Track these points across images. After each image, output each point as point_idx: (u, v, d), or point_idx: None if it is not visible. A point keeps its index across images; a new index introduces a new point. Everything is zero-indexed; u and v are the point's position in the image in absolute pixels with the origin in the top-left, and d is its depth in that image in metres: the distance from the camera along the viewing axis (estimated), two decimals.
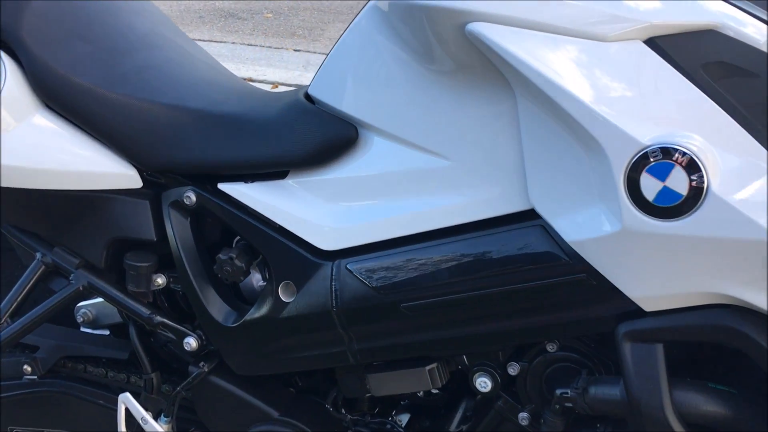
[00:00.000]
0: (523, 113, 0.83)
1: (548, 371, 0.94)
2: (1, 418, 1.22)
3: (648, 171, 0.73)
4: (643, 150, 0.73)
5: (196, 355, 1.11)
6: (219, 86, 1.14)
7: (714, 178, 0.71)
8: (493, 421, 1.02)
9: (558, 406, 0.90)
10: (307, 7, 4.80)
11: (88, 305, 1.21)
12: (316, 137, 1.00)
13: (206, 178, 1.07)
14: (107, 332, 1.25)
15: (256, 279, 1.11)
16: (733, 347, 0.78)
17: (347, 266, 0.98)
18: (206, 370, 1.09)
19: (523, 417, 0.97)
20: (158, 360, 1.16)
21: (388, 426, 1.11)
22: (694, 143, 0.71)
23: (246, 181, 1.05)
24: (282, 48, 4.16)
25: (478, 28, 0.79)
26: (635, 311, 0.81)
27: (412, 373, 1.00)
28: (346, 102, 0.97)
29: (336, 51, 1.00)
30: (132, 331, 1.13)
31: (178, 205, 1.07)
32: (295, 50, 4.12)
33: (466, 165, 0.90)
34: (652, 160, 0.72)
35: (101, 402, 1.18)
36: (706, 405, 0.81)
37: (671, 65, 0.75)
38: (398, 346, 0.98)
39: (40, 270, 1.13)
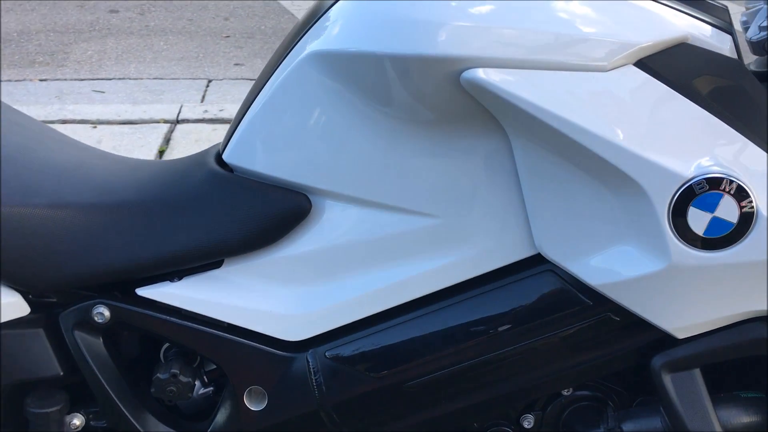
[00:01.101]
0: (523, 158, 0.75)
1: (565, 415, 0.88)
2: None
3: (694, 204, 0.68)
4: (687, 183, 0.68)
5: None
6: (104, 170, 0.93)
7: (760, 200, 0.68)
8: None
9: None
10: (40, 29, 4.32)
11: None
12: (259, 215, 0.84)
13: (117, 286, 0.87)
14: None
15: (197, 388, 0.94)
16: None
17: (327, 354, 0.85)
18: None
19: None
20: None
21: None
22: (735, 168, 0.68)
23: (172, 280, 0.87)
24: (25, 79, 3.70)
25: (478, 74, 0.69)
26: (663, 339, 0.78)
27: None
28: (291, 168, 0.83)
29: (262, 110, 0.84)
30: None
31: (86, 326, 0.87)
32: (40, 80, 3.69)
33: (455, 219, 0.80)
34: (698, 192, 0.68)
35: None
36: (746, 416, 0.81)
37: (666, 84, 0.71)
38: (403, 426, 0.87)
39: None
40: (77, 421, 0.90)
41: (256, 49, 4.29)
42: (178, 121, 3.35)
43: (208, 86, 3.88)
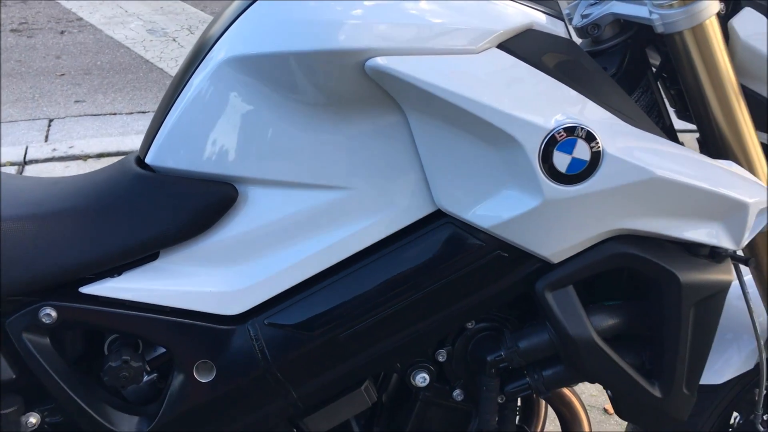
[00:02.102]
0: (418, 128, 0.91)
1: (471, 346, 1.05)
2: None
3: (557, 149, 0.87)
4: (550, 133, 0.86)
5: None
6: (29, 186, 1.00)
7: (603, 142, 0.88)
8: (423, 412, 1.10)
9: (493, 370, 1.02)
10: None
11: None
12: (189, 207, 0.95)
13: (60, 288, 0.94)
14: None
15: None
16: (624, 267, 0.98)
17: (266, 322, 0.96)
18: None
19: (457, 394, 1.07)
20: None
21: None
22: (582, 119, 0.87)
23: (112, 276, 0.95)
24: None
25: (379, 61, 0.84)
26: (543, 266, 0.96)
27: (348, 399, 1.03)
28: (215, 163, 0.94)
29: (183, 112, 0.95)
30: None
31: (33, 328, 0.93)
32: None
33: (365, 189, 0.95)
34: (559, 139, 0.87)
35: None
36: (611, 319, 1.00)
37: (523, 61, 0.90)
38: (339, 378, 1.00)
39: None
40: (33, 419, 0.95)
41: (96, 84, 4.25)
42: (25, 163, 3.28)
43: (50, 125, 3.80)
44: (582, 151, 0.88)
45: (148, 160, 0.97)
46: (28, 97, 4.04)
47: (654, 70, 1.10)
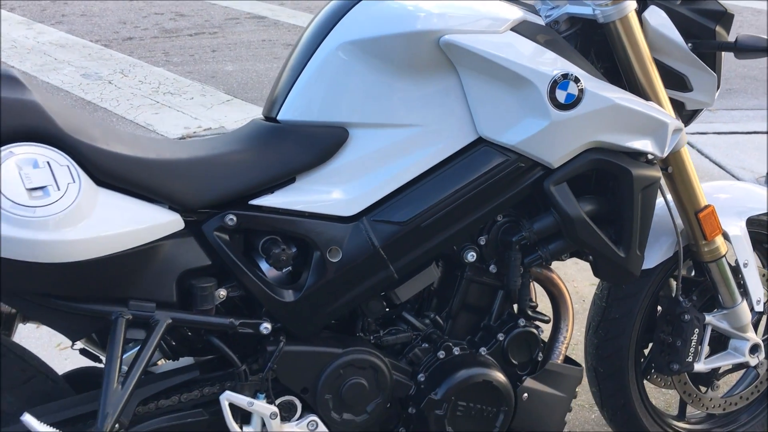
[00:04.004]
0: (468, 82, 1.42)
1: (500, 232, 1.55)
2: None
3: (559, 87, 1.40)
4: (553, 78, 1.40)
5: (269, 336, 1.41)
6: (202, 141, 1.44)
7: (585, 83, 1.42)
8: (465, 287, 1.59)
9: (517, 246, 1.53)
10: None
11: None
12: (315, 145, 1.42)
13: (235, 202, 1.38)
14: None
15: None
16: (600, 169, 1.52)
17: (373, 218, 1.44)
18: (284, 341, 1.41)
19: (492, 268, 1.57)
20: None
21: (394, 330, 1.57)
22: (571, 70, 1.42)
23: (268, 193, 1.41)
24: None
25: (449, 38, 1.36)
26: (546, 171, 1.49)
27: (424, 273, 1.52)
28: (333, 113, 1.42)
29: (305, 84, 1.43)
30: (216, 341, 1.37)
31: (222, 230, 1.37)
32: None
33: (430, 125, 1.45)
34: (559, 81, 1.40)
35: (196, 419, 1.38)
36: (592, 205, 1.54)
37: (527, 38, 1.43)
38: (420, 255, 1.48)
39: (124, 326, 1.29)
40: (223, 292, 1.38)
41: None
42: None
43: None
44: (573, 88, 1.42)
45: (280, 116, 1.44)
46: None
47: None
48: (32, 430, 1.17)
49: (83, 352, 1.59)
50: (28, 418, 1.17)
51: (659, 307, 1.93)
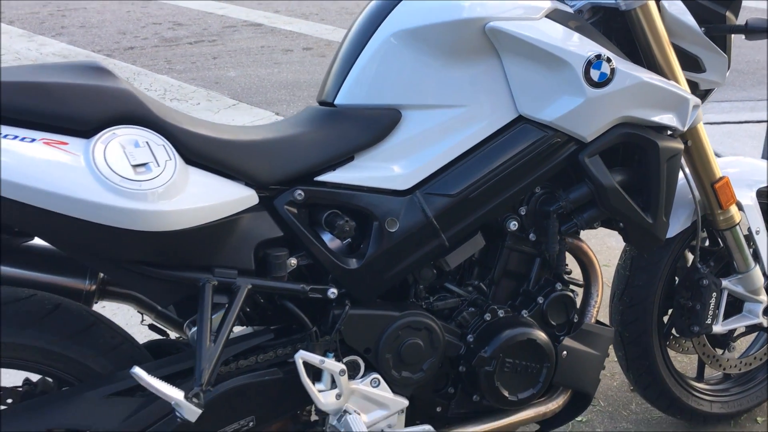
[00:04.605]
0: (509, 64, 1.56)
1: (539, 202, 1.69)
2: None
3: (593, 67, 1.55)
4: (588, 58, 1.55)
5: (335, 301, 1.55)
6: (268, 125, 1.58)
7: (615, 63, 1.57)
8: (506, 255, 1.73)
9: (555, 215, 1.67)
10: None
11: None
12: (371, 126, 1.55)
13: (302, 179, 1.52)
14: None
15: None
16: (628, 142, 1.66)
17: (425, 191, 1.57)
18: (349, 305, 1.55)
19: (531, 236, 1.71)
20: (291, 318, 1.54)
21: (442, 297, 1.71)
22: (602, 51, 1.56)
23: (331, 171, 1.54)
24: None
25: (494, 24, 1.50)
26: (580, 145, 1.63)
27: (471, 241, 1.65)
28: (386, 96, 1.56)
29: (360, 69, 1.56)
30: (289, 304, 1.50)
31: (292, 204, 1.50)
32: None
33: (475, 105, 1.59)
34: (593, 61, 1.55)
35: (272, 377, 1.51)
36: (622, 175, 1.69)
37: (560, 24, 1.58)
38: (468, 225, 1.61)
39: (211, 291, 1.41)
40: (293, 261, 1.51)
41: None
42: None
43: None
44: (605, 68, 1.56)
45: (337, 101, 1.57)
46: None
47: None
48: (141, 382, 1.29)
49: (152, 327, 1.72)
50: (137, 371, 1.29)
51: (676, 279, 2.08)
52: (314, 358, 1.51)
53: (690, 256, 2.07)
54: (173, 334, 1.73)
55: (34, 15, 7.56)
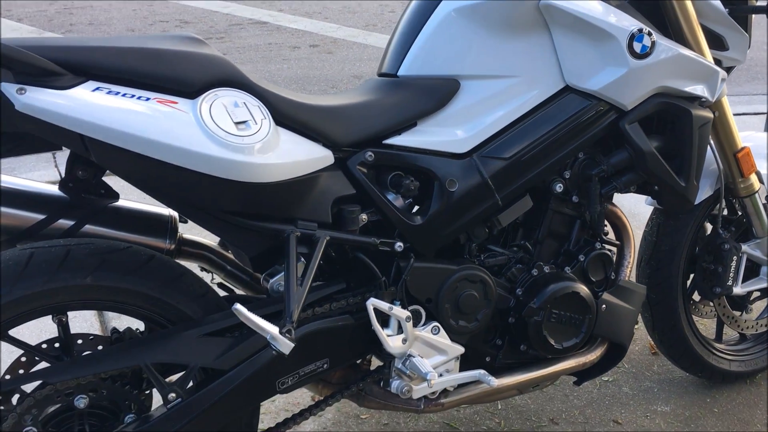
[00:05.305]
0: (559, 37, 1.72)
1: (582, 167, 1.84)
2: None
3: (635, 40, 1.71)
4: (631, 32, 1.70)
5: (400, 254, 1.69)
6: (338, 94, 1.71)
7: (655, 37, 1.73)
8: (550, 216, 1.87)
9: (597, 178, 1.82)
10: None
11: None
12: (433, 95, 1.70)
13: (372, 142, 1.66)
14: None
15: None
16: (665, 111, 1.82)
17: (482, 155, 1.72)
18: (413, 258, 1.69)
19: (575, 198, 1.86)
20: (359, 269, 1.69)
21: (492, 254, 1.85)
22: (643, 25, 1.72)
23: (396, 135, 1.68)
24: None
25: (549, 1, 1.66)
26: (621, 113, 1.79)
27: (520, 202, 1.80)
28: (447, 67, 1.71)
29: (422, 43, 1.71)
30: (361, 255, 1.65)
31: (363, 164, 1.65)
32: None
33: (527, 76, 1.74)
34: (636, 34, 1.70)
35: (344, 323, 1.65)
36: (658, 141, 1.84)
37: (606, 2, 1.73)
38: (520, 185, 1.76)
39: (295, 241, 1.55)
40: (364, 216, 1.65)
41: None
42: None
43: None
44: (647, 41, 1.72)
45: (400, 72, 1.72)
46: None
47: None
48: (241, 317, 1.43)
49: (220, 285, 1.85)
50: (238, 307, 1.43)
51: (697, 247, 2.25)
52: (384, 305, 1.65)
53: (709, 226, 2.23)
54: (239, 292, 1.87)
55: (41, 12, 7.66)
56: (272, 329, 1.43)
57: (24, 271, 1.43)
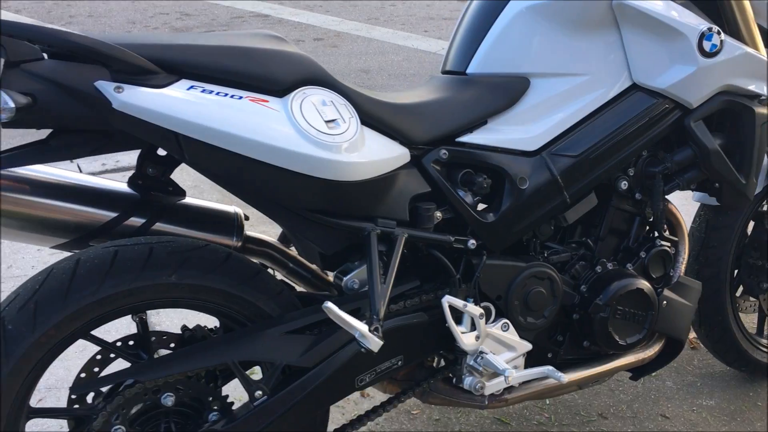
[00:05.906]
0: (628, 35, 1.72)
1: (645, 164, 1.86)
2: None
3: (705, 39, 1.72)
4: (701, 30, 1.71)
5: (473, 252, 1.69)
6: (408, 91, 1.72)
7: (723, 36, 1.74)
8: (612, 213, 1.88)
9: (660, 176, 1.84)
10: None
11: None
12: (504, 93, 1.71)
13: (446, 140, 1.66)
14: None
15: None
16: (728, 108, 1.83)
17: (552, 152, 1.73)
18: (486, 255, 1.70)
19: (638, 195, 1.87)
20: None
21: (556, 251, 1.86)
22: (712, 24, 1.73)
23: (469, 133, 1.69)
24: None
25: (623, 0, 1.66)
26: (686, 111, 1.80)
27: (586, 200, 1.81)
28: (517, 65, 1.71)
29: (491, 41, 1.71)
30: (437, 253, 1.65)
31: (438, 162, 1.65)
32: None
33: (596, 74, 1.75)
34: (705, 33, 1.72)
35: (418, 320, 1.65)
36: (722, 139, 1.86)
37: (677, 2, 1.74)
38: (587, 184, 1.77)
39: (376, 238, 1.55)
40: (439, 214, 1.64)
41: None
42: None
43: None
44: (716, 39, 1.73)
45: (469, 70, 1.72)
46: None
47: None
48: (331, 315, 1.42)
49: (282, 282, 1.85)
50: (330, 305, 1.42)
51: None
52: (458, 302, 1.65)
53: (751, 223, 2.25)
54: (299, 289, 1.87)
55: (39, 4, 7.57)
56: (362, 327, 1.43)
57: (110, 270, 1.42)
